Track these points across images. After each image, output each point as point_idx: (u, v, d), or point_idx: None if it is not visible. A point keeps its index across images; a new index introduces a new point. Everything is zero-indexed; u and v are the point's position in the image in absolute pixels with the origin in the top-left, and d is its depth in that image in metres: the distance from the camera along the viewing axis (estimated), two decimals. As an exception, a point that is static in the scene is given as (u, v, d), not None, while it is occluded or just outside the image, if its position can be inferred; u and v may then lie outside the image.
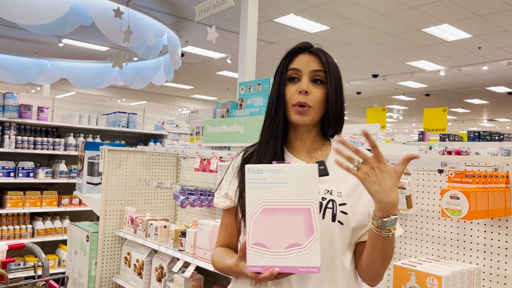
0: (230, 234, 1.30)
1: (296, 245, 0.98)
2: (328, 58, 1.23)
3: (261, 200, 0.99)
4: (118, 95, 16.18)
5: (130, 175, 3.35)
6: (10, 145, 4.94)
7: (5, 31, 9.04)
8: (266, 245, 0.99)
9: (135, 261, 3.05)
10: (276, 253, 0.98)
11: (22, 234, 5.09)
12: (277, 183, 1.00)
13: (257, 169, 1.00)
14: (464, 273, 1.43)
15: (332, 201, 1.16)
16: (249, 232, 0.99)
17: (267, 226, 0.99)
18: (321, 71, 1.20)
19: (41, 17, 4.47)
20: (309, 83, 1.19)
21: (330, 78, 1.20)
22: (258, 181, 1.00)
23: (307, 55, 1.22)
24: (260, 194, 1.00)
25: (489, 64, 10.24)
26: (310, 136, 1.26)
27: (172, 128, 6.11)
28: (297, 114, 1.19)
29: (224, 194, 1.28)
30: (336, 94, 1.21)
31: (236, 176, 1.26)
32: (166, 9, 7.55)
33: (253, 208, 1.00)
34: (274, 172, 1.00)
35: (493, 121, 22.19)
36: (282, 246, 0.98)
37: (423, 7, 6.89)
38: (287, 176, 1.00)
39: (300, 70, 1.21)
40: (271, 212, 0.99)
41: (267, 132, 1.24)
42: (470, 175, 1.46)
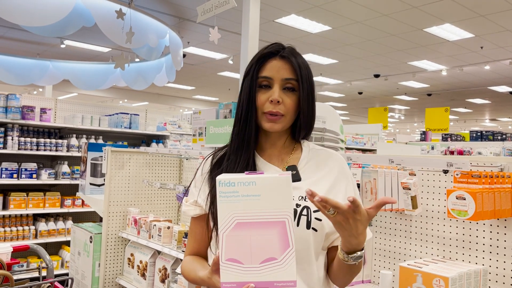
0: (200, 243, 1.26)
1: (271, 259, 0.95)
2: (300, 61, 1.19)
3: (234, 214, 0.95)
4: (120, 96, 16.20)
5: (133, 176, 3.35)
6: (13, 147, 4.94)
7: (8, 32, 9.06)
8: (240, 260, 0.95)
9: (138, 262, 3.05)
10: (251, 268, 0.94)
11: (25, 235, 5.10)
12: (250, 196, 0.95)
13: (229, 182, 0.95)
14: (470, 274, 1.43)
15: (307, 207, 1.14)
16: (221, 247, 0.95)
17: (241, 241, 0.95)
18: (293, 79, 1.17)
19: (43, 18, 4.47)
20: (281, 92, 1.16)
21: (302, 85, 1.17)
22: (230, 195, 0.95)
23: (278, 61, 1.18)
24: (232, 208, 0.95)
25: (491, 63, 10.22)
26: (281, 140, 1.24)
27: (174, 129, 6.11)
28: (268, 122, 1.16)
29: (194, 202, 1.23)
30: (308, 99, 1.18)
31: (206, 182, 1.22)
32: (168, 10, 7.55)
33: (226, 223, 0.95)
34: (246, 185, 0.95)
35: (495, 121, 22.15)
36: (257, 261, 0.94)
37: (425, 7, 6.88)
38: (260, 189, 0.95)
39: (272, 78, 1.16)
40: (245, 226, 0.95)
41: (237, 138, 1.20)
42: (476, 176, 1.46)
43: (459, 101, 16.15)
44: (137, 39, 5.22)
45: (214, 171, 1.22)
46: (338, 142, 2.49)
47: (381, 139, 8.50)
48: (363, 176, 1.83)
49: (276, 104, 1.15)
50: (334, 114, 2.48)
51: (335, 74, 12.31)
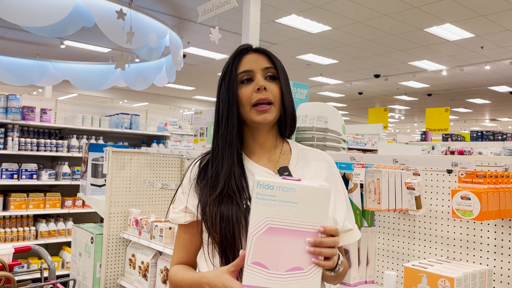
0: (189, 251, 1.21)
1: (297, 269, 0.94)
2: (273, 55, 1.22)
3: (267, 218, 0.94)
4: (120, 96, 16.20)
5: (134, 176, 3.34)
6: (13, 147, 4.93)
7: (7, 33, 9.05)
8: (266, 265, 0.93)
9: (140, 263, 3.04)
10: (275, 275, 0.93)
11: (26, 236, 5.09)
12: (287, 202, 0.94)
13: (268, 185, 0.94)
14: (476, 275, 1.42)
15: None
16: (249, 250, 0.94)
17: (270, 246, 0.93)
18: (271, 67, 1.19)
19: (43, 18, 4.46)
20: (264, 80, 1.17)
21: (281, 74, 1.19)
22: (267, 198, 0.94)
23: (253, 54, 1.20)
24: (267, 211, 0.93)
25: (492, 63, 10.22)
26: (270, 138, 1.22)
27: (175, 129, 6.10)
28: (259, 114, 1.14)
29: (184, 208, 1.18)
30: (288, 90, 1.20)
31: (194, 190, 1.19)
32: (168, 10, 7.54)
33: (258, 225, 0.94)
34: (285, 191, 0.94)
35: (495, 121, 22.15)
36: (282, 268, 0.93)
37: (425, 7, 6.88)
38: (299, 196, 0.94)
39: (252, 70, 1.17)
40: (276, 232, 0.94)
41: (220, 141, 1.18)
42: (481, 175, 1.45)
43: (459, 101, 16.15)
44: (137, 39, 5.21)
45: (200, 176, 1.19)
46: (340, 142, 2.48)
47: (381, 139, 8.50)
48: (367, 176, 1.82)
49: (264, 90, 1.15)
50: (336, 114, 2.47)
51: (335, 74, 12.31)
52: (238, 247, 1.06)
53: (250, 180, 1.15)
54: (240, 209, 1.09)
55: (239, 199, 1.10)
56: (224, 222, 1.07)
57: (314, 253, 0.94)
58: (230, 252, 1.07)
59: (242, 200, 1.11)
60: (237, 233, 1.07)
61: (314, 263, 0.94)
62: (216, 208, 1.09)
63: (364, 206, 1.84)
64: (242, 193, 1.12)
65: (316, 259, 0.94)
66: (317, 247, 0.94)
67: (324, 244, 0.94)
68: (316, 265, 0.94)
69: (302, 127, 2.20)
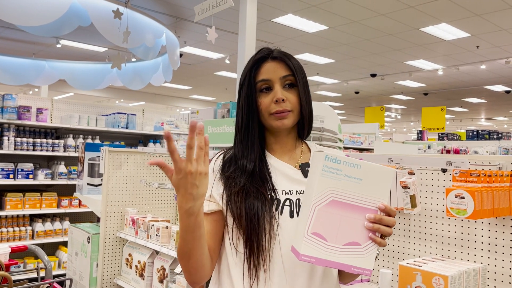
0: (213, 240, 1.18)
1: (354, 243, 0.96)
2: (293, 60, 1.22)
3: (331, 191, 0.96)
4: (116, 96, 16.16)
5: (131, 176, 3.34)
6: (9, 147, 4.92)
7: (3, 32, 9.02)
8: (325, 237, 0.96)
9: (136, 262, 3.04)
10: (333, 247, 0.96)
11: (22, 236, 5.08)
12: (352, 178, 0.97)
13: (335, 158, 0.96)
14: (470, 273, 1.43)
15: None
16: (310, 220, 0.96)
17: (331, 218, 0.96)
18: (290, 75, 1.19)
19: (39, 18, 4.46)
20: (282, 90, 1.18)
21: (299, 80, 1.19)
22: (334, 171, 0.96)
23: (271, 62, 1.20)
24: (332, 184, 0.96)
25: (487, 63, 10.26)
26: (290, 139, 1.25)
27: (172, 128, 6.09)
28: (277, 120, 1.17)
29: (208, 197, 1.18)
30: (306, 94, 1.21)
31: (219, 180, 1.20)
32: (165, 10, 7.53)
33: (321, 197, 0.96)
34: (351, 166, 0.97)
35: (491, 120, 22.25)
36: (341, 242, 0.96)
37: (421, 7, 6.90)
38: (364, 173, 0.97)
39: (270, 80, 1.18)
40: (338, 205, 0.96)
41: (241, 145, 1.21)
42: (475, 174, 1.46)
43: (455, 101, 16.21)
44: (134, 38, 5.21)
45: (225, 168, 1.21)
46: (336, 141, 2.49)
47: (378, 139, 8.52)
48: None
49: (282, 102, 1.16)
50: (332, 113, 2.48)
51: (331, 73, 12.33)
52: (262, 232, 1.10)
53: (273, 173, 1.20)
54: (266, 199, 1.13)
55: (264, 189, 1.14)
56: (249, 209, 1.11)
57: (373, 229, 0.97)
58: (255, 237, 1.10)
59: (267, 191, 1.15)
60: (261, 218, 1.10)
61: (371, 238, 0.97)
62: (242, 196, 1.13)
63: (360, 205, 1.85)
64: (266, 184, 1.16)
65: (373, 235, 0.97)
66: (376, 224, 0.97)
67: (383, 222, 0.98)
68: (373, 241, 0.97)
69: (298, 126, 2.20)
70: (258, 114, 1.20)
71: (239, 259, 1.14)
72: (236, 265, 1.15)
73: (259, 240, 1.10)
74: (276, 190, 1.17)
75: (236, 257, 1.15)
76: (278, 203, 1.15)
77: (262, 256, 1.10)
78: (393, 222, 0.99)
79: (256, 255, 1.10)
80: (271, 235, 1.11)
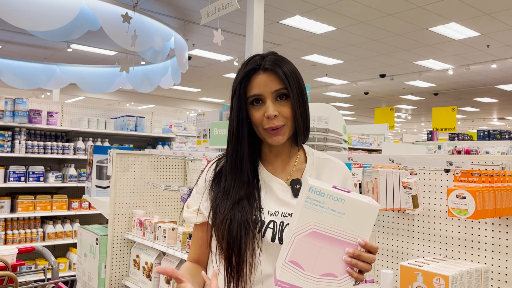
0: (202, 249, 1.25)
1: (331, 275, 0.97)
2: (285, 68, 1.15)
3: (312, 223, 0.97)
4: (127, 99, 16.31)
5: (138, 178, 3.38)
6: (20, 150, 5.00)
7: (15, 37, 9.17)
8: (303, 266, 0.97)
9: (144, 263, 3.07)
10: (309, 277, 0.97)
11: (33, 237, 5.15)
12: (335, 211, 0.97)
13: (320, 191, 0.97)
14: (471, 273, 1.43)
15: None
16: (288, 248, 0.97)
17: (310, 248, 0.97)
18: (282, 88, 1.14)
19: (50, 23, 4.52)
20: (274, 104, 1.13)
21: (292, 91, 1.14)
22: (316, 203, 0.97)
23: (262, 74, 1.14)
24: (313, 216, 0.97)
25: (498, 62, 10.15)
26: (285, 148, 1.23)
27: (180, 131, 6.14)
28: (271, 136, 1.14)
29: (197, 209, 1.22)
30: (300, 103, 1.16)
31: (208, 194, 1.21)
32: (173, 13, 7.59)
33: (302, 227, 0.97)
34: (335, 200, 0.97)
35: (503, 120, 21.97)
36: (317, 272, 0.97)
37: (429, 6, 6.86)
38: (347, 208, 0.97)
39: (262, 94, 1.13)
40: (319, 237, 0.97)
41: (232, 156, 1.19)
42: (477, 174, 1.46)
43: (466, 100, 16.05)
44: (142, 42, 5.26)
45: (215, 181, 1.21)
46: (341, 142, 2.50)
47: (387, 139, 8.47)
48: (365, 176, 1.83)
49: (273, 118, 1.13)
50: (337, 114, 2.49)
51: (340, 74, 12.29)
52: (243, 260, 1.09)
53: (263, 190, 1.18)
54: (249, 221, 1.11)
55: (249, 210, 1.13)
56: (233, 234, 1.10)
57: (351, 264, 0.97)
58: (236, 263, 1.09)
59: (252, 211, 1.13)
60: (243, 246, 1.09)
61: (348, 272, 0.98)
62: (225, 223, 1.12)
63: (363, 205, 1.85)
64: (253, 203, 1.14)
65: (351, 269, 0.97)
66: (354, 259, 0.97)
67: (361, 258, 0.97)
68: (350, 275, 0.98)
69: (301, 127, 2.21)
70: (250, 126, 1.17)
71: (221, 280, 1.14)
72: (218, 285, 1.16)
73: (240, 267, 1.09)
74: (262, 210, 1.15)
75: (219, 277, 1.14)
76: (262, 224, 1.14)
77: (243, 282, 1.10)
78: (371, 259, 0.98)
79: (235, 281, 1.10)
80: (253, 262, 1.11)
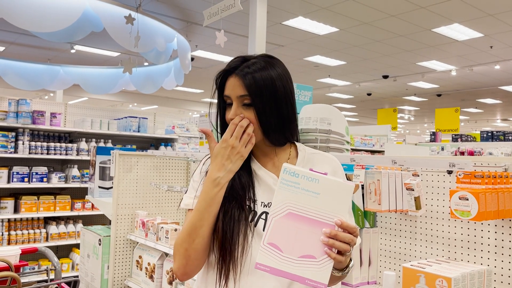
0: None
1: (310, 257, 0.97)
2: (257, 74, 1.15)
3: (288, 203, 0.98)
4: (130, 99, 16.34)
5: (141, 179, 3.38)
6: (24, 151, 5.02)
7: (18, 38, 9.20)
8: (281, 248, 0.97)
9: (146, 264, 3.08)
10: (288, 259, 0.97)
11: (37, 238, 5.17)
12: (309, 192, 0.98)
13: (294, 172, 0.98)
14: (474, 275, 1.42)
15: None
16: (267, 230, 0.98)
17: (287, 230, 0.97)
18: (245, 95, 1.15)
19: (53, 24, 4.55)
20: (239, 108, 1.16)
21: (255, 100, 1.15)
22: (291, 184, 0.98)
23: (234, 78, 1.17)
24: (289, 197, 0.98)
25: (502, 63, 10.12)
26: (269, 148, 1.25)
27: (183, 132, 6.15)
28: None
29: (194, 196, 1.24)
30: (270, 111, 1.16)
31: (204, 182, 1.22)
32: (175, 14, 7.61)
33: (278, 208, 0.98)
34: (309, 180, 0.98)
35: (507, 121, 21.89)
36: (296, 254, 0.97)
37: (433, 7, 6.85)
38: (322, 188, 0.97)
39: (229, 96, 1.18)
40: (295, 218, 0.97)
41: None
42: (479, 176, 1.45)
43: (470, 101, 16.00)
44: (145, 43, 5.28)
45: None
46: (343, 143, 2.49)
47: (390, 140, 8.46)
48: (367, 177, 1.83)
49: None
50: (339, 115, 2.49)
51: (343, 75, 12.28)
52: (235, 243, 1.12)
53: (256, 182, 1.20)
54: (243, 210, 1.14)
55: (243, 199, 1.15)
56: (227, 219, 1.12)
57: (328, 244, 0.97)
58: (228, 246, 1.12)
59: (245, 201, 1.16)
60: (236, 230, 1.12)
61: (326, 253, 0.97)
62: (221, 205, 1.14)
63: (365, 207, 1.85)
64: (248, 193, 1.17)
65: (329, 250, 0.97)
66: (331, 239, 0.97)
67: (339, 238, 0.97)
68: (328, 256, 0.97)
69: (305, 129, 2.22)
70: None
71: (215, 265, 1.16)
72: (212, 269, 1.18)
73: (232, 251, 1.11)
74: (256, 201, 1.17)
75: (213, 261, 1.17)
76: (255, 215, 1.16)
77: (233, 266, 1.12)
78: (349, 239, 0.98)
79: (227, 264, 1.12)
80: (244, 246, 1.12)
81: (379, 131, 8.54)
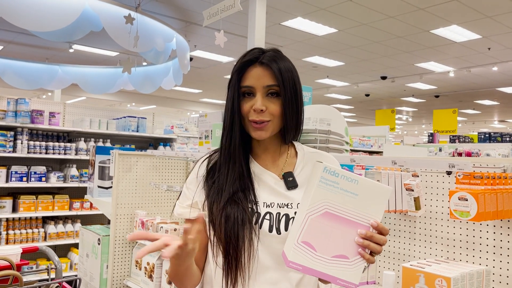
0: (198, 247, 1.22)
1: (343, 257, 0.98)
2: (282, 65, 1.16)
3: (326, 203, 0.98)
4: (128, 99, 16.33)
5: (140, 179, 3.39)
6: (22, 150, 5.01)
7: (17, 37, 9.19)
8: (315, 247, 0.97)
9: (145, 264, 3.08)
10: (321, 258, 0.97)
11: (35, 237, 5.16)
12: (348, 192, 0.98)
13: (334, 171, 0.98)
14: (473, 275, 1.43)
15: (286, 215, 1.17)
16: (301, 228, 0.97)
17: (322, 229, 0.97)
18: (274, 85, 1.14)
19: (52, 23, 4.54)
20: (264, 99, 1.14)
21: (284, 90, 1.14)
22: (330, 183, 0.97)
23: (258, 68, 1.15)
24: (327, 196, 0.98)
25: (499, 64, 10.16)
26: (273, 145, 1.23)
27: (181, 132, 6.15)
28: (255, 130, 1.15)
29: (191, 204, 1.21)
30: (292, 103, 1.16)
31: (202, 188, 1.21)
32: (175, 14, 7.61)
33: (315, 207, 0.97)
34: (349, 181, 0.98)
35: (504, 122, 21.97)
36: (329, 253, 0.97)
37: (431, 8, 6.87)
38: (360, 189, 0.97)
39: (253, 87, 1.15)
40: (332, 217, 0.97)
41: (226, 146, 1.20)
42: (478, 177, 1.47)
43: (467, 103, 16.05)
44: (144, 43, 5.28)
45: (209, 176, 1.22)
46: (343, 144, 2.50)
47: (388, 141, 8.47)
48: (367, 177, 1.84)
49: (260, 112, 1.14)
50: (339, 116, 2.50)
51: (341, 76, 12.31)
52: (241, 248, 1.10)
53: (256, 183, 1.19)
54: (246, 212, 1.12)
55: (245, 202, 1.14)
56: (229, 223, 1.10)
57: (363, 245, 0.98)
58: (233, 254, 1.10)
59: (248, 203, 1.14)
60: (241, 234, 1.10)
61: (360, 254, 0.98)
62: (222, 209, 1.13)
63: (365, 207, 1.86)
64: (248, 196, 1.15)
65: (362, 251, 0.98)
66: (366, 240, 0.98)
67: (373, 239, 0.98)
68: (362, 257, 0.98)
69: (305, 129, 2.23)
70: (240, 118, 1.18)
71: (220, 273, 1.14)
72: (215, 279, 1.16)
73: (238, 257, 1.10)
74: (257, 202, 1.16)
75: (216, 270, 1.15)
76: (258, 216, 1.15)
77: (241, 273, 1.11)
78: (383, 240, 0.99)
79: (234, 272, 1.10)
80: (251, 252, 1.11)
81: (377, 132, 8.55)
